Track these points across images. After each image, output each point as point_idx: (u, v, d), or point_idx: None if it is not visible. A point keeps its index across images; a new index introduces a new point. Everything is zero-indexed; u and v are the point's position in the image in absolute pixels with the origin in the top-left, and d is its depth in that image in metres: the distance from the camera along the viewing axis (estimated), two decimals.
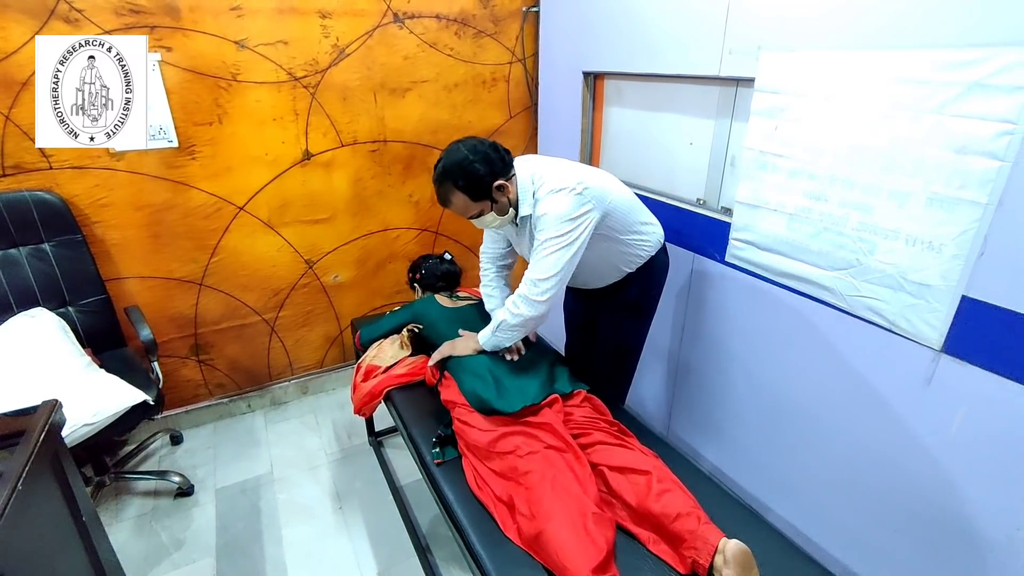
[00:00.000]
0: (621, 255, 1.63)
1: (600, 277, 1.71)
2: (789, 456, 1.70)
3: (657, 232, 1.69)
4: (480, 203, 1.52)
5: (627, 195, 1.63)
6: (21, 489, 0.89)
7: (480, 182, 1.47)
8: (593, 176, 1.55)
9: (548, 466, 1.31)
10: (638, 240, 1.62)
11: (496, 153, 1.50)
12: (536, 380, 1.57)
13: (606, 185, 1.55)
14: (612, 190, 1.56)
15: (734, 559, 1.08)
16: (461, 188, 1.49)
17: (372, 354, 1.96)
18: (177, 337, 2.31)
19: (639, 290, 1.71)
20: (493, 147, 1.51)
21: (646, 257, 1.66)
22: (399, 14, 2.27)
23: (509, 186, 1.52)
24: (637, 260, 1.66)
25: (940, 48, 1.14)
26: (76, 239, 1.94)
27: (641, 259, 1.66)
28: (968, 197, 1.14)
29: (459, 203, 1.52)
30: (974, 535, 1.26)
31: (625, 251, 1.63)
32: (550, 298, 1.51)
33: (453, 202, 1.53)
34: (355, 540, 1.91)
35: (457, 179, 1.48)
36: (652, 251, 1.67)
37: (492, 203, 1.52)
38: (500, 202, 1.53)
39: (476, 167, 1.46)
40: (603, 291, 1.74)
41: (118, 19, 1.84)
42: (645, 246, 1.65)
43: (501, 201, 1.52)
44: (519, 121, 2.72)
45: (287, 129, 2.22)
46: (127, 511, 2.03)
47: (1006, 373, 1.15)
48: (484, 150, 1.48)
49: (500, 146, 1.53)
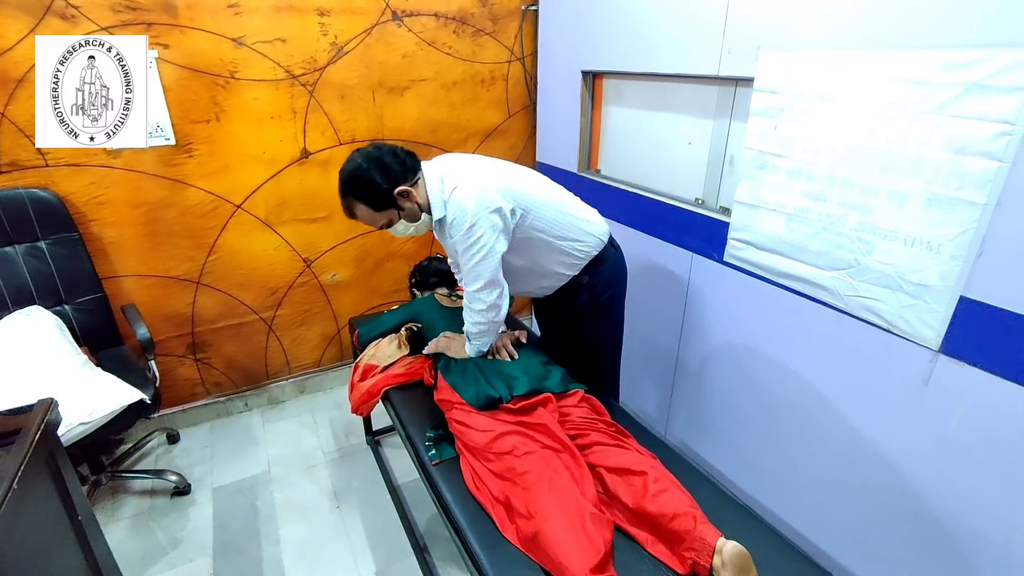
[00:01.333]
0: (554, 258, 1.58)
1: (539, 284, 1.65)
2: (787, 456, 1.70)
3: (596, 230, 1.62)
4: (385, 212, 1.48)
5: (551, 194, 1.57)
6: (17, 488, 0.89)
7: (377, 190, 1.43)
8: (506, 176, 1.49)
9: (545, 467, 1.31)
10: (572, 239, 1.56)
11: (395, 158, 1.45)
12: (525, 375, 1.57)
13: (522, 185, 1.50)
14: (529, 190, 1.50)
15: (731, 561, 1.08)
16: (360, 199, 1.45)
17: (370, 353, 1.96)
18: (174, 336, 2.31)
19: (589, 296, 1.65)
20: (391, 152, 1.46)
21: (585, 257, 1.61)
22: (398, 12, 2.27)
23: (414, 191, 1.46)
24: (576, 261, 1.60)
25: (939, 49, 1.14)
26: (72, 237, 1.93)
27: (580, 260, 1.60)
28: (967, 198, 1.14)
29: (363, 214, 1.49)
30: (971, 535, 1.26)
31: (558, 254, 1.57)
32: (489, 305, 1.50)
33: (357, 214, 1.49)
34: (353, 540, 1.90)
35: (354, 190, 1.44)
36: (592, 251, 1.61)
37: (399, 211, 1.48)
38: (407, 208, 1.48)
39: (371, 175, 1.42)
40: (554, 300, 1.69)
41: (115, 16, 1.83)
42: (581, 246, 1.59)
43: (407, 207, 1.48)
44: (518, 120, 2.72)
45: (285, 127, 2.21)
46: (124, 510, 2.02)
47: (1004, 374, 1.15)
48: (378, 155, 1.44)
49: (401, 149, 1.48)
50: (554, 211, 1.53)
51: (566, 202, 1.59)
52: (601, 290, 1.67)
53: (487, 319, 1.55)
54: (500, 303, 1.53)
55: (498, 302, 1.52)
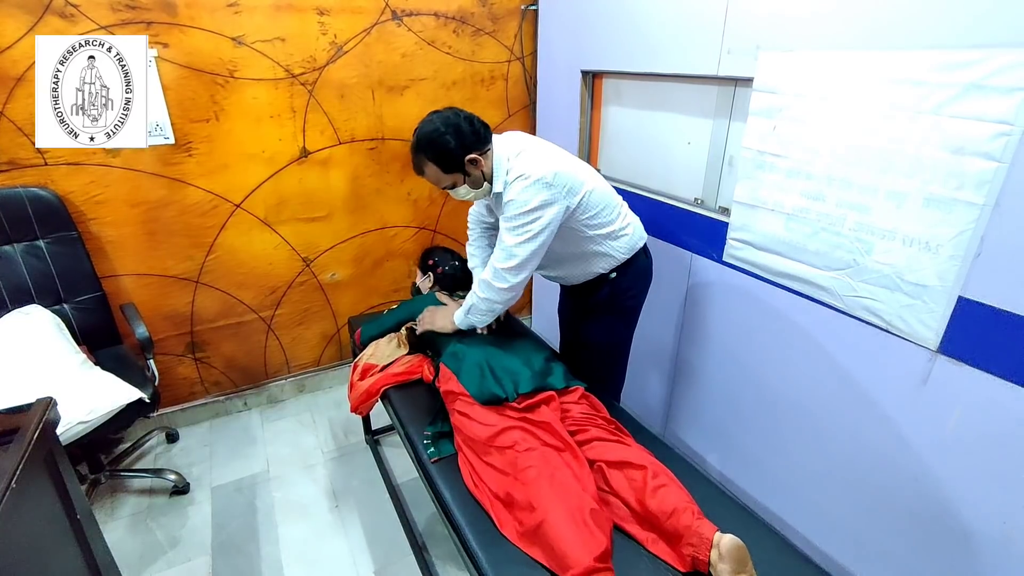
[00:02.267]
0: (591, 253, 1.62)
1: (570, 272, 1.70)
2: (785, 454, 1.70)
3: (634, 235, 1.67)
4: (452, 175, 1.53)
5: (604, 193, 1.60)
6: (15, 487, 0.89)
7: (450, 154, 1.48)
8: (569, 167, 1.52)
9: (546, 463, 1.32)
10: (610, 240, 1.61)
11: (471, 126, 1.50)
12: (528, 370, 1.58)
13: (582, 178, 1.53)
14: (587, 184, 1.53)
15: (728, 554, 1.09)
16: (432, 159, 1.51)
17: (369, 352, 1.96)
18: (173, 335, 2.31)
19: (610, 291, 1.70)
20: (468, 119, 1.50)
21: (620, 259, 1.65)
22: (397, 11, 2.27)
23: (483, 160, 1.52)
24: (610, 260, 1.64)
25: (938, 49, 1.14)
26: (71, 236, 1.93)
27: (614, 260, 1.64)
28: (965, 198, 1.14)
29: (431, 173, 1.55)
30: (968, 533, 1.27)
31: (595, 249, 1.61)
32: (512, 286, 1.54)
33: (426, 172, 1.55)
34: (351, 538, 1.90)
35: (428, 150, 1.50)
36: (626, 254, 1.65)
37: (465, 176, 1.53)
38: (472, 175, 1.53)
39: (447, 139, 1.47)
40: (579, 289, 1.75)
41: (114, 15, 1.83)
42: (618, 247, 1.63)
43: (474, 174, 1.53)
44: (517, 120, 2.72)
45: (284, 126, 2.21)
46: (122, 509, 2.02)
47: (1001, 374, 1.15)
48: (457, 122, 1.48)
49: (476, 119, 1.53)
50: (601, 209, 1.56)
51: (613, 204, 1.63)
52: (623, 290, 1.70)
53: (503, 299, 1.58)
54: (520, 290, 1.57)
55: (520, 287, 1.56)
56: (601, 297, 1.71)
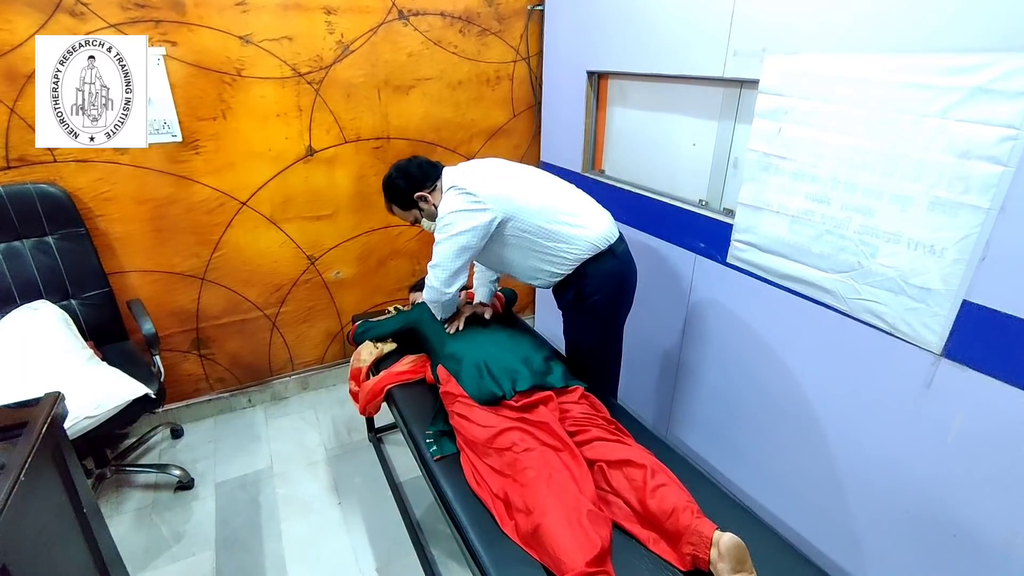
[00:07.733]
0: (542, 257, 1.68)
1: (533, 276, 1.77)
2: (788, 457, 1.70)
3: (590, 236, 1.66)
4: (410, 211, 1.79)
5: (543, 201, 1.66)
6: (23, 481, 0.90)
7: (402, 195, 1.75)
8: (497, 180, 1.66)
9: (544, 464, 1.32)
10: (558, 243, 1.65)
11: (418, 169, 1.75)
12: (526, 369, 1.59)
13: (511, 191, 1.63)
14: (517, 196, 1.63)
15: (728, 552, 1.10)
16: (392, 201, 1.80)
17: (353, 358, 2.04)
18: (179, 331, 2.32)
19: (575, 294, 1.73)
20: (417, 164, 1.76)
21: (574, 260, 1.67)
22: (404, 11, 2.27)
23: (429, 196, 1.74)
24: (564, 263, 1.67)
25: (944, 52, 1.14)
26: (79, 232, 1.95)
27: (568, 262, 1.67)
28: (970, 202, 1.14)
29: (397, 212, 1.83)
30: (971, 538, 1.26)
31: (546, 254, 1.67)
32: (442, 285, 1.68)
33: (394, 211, 1.83)
34: (354, 536, 1.91)
35: (386, 194, 1.80)
36: (581, 255, 1.66)
37: (420, 211, 1.77)
38: (425, 209, 1.76)
39: (397, 183, 1.75)
40: (553, 293, 1.83)
41: (123, 13, 1.85)
42: (570, 248, 1.65)
43: (426, 208, 1.76)
44: (522, 120, 2.72)
45: (290, 125, 2.22)
46: (128, 504, 2.04)
47: (1006, 378, 1.15)
48: (406, 167, 1.76)
49: (425, 162, 1.77)
50: (540, 219, 1.64)
51: (557, 210, 1.66)
52: (588, 293, 1.71)
53: (430, 297, 1.76)
54: (444, 290, 1.69)
55: (443, 288, 1.69)
56: (567, 299, 1.77)
